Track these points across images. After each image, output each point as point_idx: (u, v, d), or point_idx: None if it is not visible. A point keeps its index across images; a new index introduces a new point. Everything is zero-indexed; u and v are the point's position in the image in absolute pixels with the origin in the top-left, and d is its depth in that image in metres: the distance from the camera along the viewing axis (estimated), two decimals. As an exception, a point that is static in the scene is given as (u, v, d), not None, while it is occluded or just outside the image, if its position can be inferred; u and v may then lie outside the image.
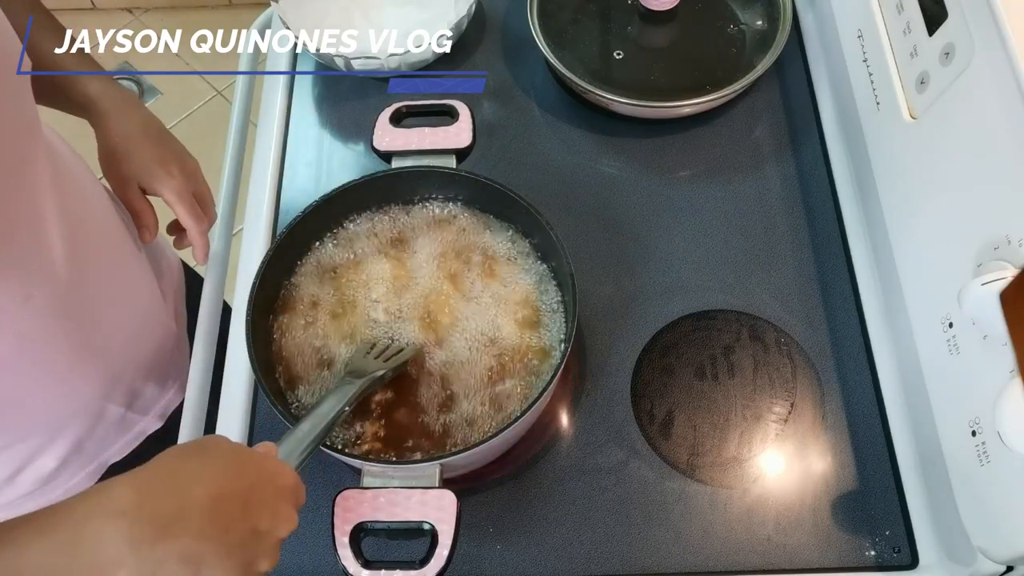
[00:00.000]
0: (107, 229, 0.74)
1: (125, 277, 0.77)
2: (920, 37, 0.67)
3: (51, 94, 0.73)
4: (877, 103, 0.74)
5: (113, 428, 0.78)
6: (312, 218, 0.72)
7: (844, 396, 0.74)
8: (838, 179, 0.84)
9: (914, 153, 0.68)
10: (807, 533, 0.68)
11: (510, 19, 0.98)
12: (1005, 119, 0.55)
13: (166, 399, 0.84)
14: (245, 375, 0.77)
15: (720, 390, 0.74)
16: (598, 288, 0.80)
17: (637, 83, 0.88)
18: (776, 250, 0.81)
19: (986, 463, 0.57)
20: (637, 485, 0.71)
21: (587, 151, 0.89)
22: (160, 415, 0.84)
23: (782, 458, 0.72)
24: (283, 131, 0.92)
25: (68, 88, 0.75)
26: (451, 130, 0.73)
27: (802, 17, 0.95)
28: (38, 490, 0.75)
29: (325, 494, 0.70)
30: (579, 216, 0.84)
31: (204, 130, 2.08)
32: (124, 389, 0.77)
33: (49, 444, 0.73)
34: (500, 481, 0.72)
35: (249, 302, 0.66)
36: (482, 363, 0.69)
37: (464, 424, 0.67)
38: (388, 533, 0.59)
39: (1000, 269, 0.54)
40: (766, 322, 0.77)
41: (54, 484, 0.76)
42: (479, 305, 0.71)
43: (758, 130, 0.89)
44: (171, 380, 0.85)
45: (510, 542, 0.69)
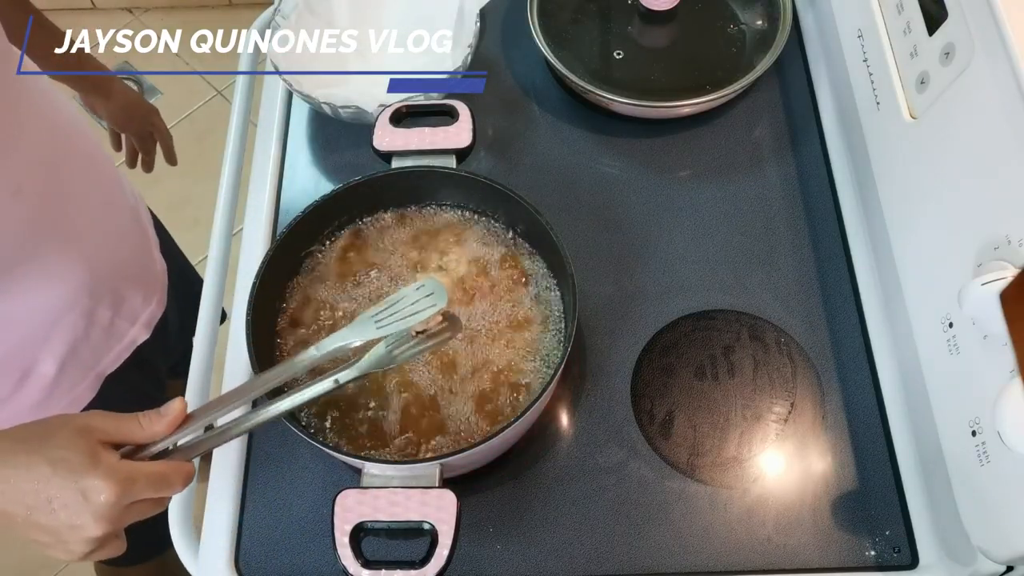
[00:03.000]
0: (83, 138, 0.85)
1: (101, 182, 0.86)
2: (920, 37, 0.67)
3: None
4: (877, 103, 0.74)
5: (104, 333, 0.85)
6: (312, 218, 0.72)
7: (844, 396, 0.74)
8: (838, 179, 0.84)
9: (914, 153, 0.68)
10: (807, 533, 0.68)
11: (510, 19, 0.98)
12: (1005, 119, 0.55)
13: (150, 309, 0.92)
14: (245, 375, 0.77)
15: (720, 390, 0.74)
16: (598, 288, 0.80)
17: (637, 83, 0.88)
18: (776, 250, 0.81)
19: (986, 463, 0.57)
20: (637, 485, 0.71)
21: (587, 151, 0.89)
22: (146, 324, 0.91)
23: (782, 458, 0.72)
24: (283, 131, 0.92)
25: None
26: (451, 130, 0.73)
27: (802, 17, 0.95)
28: (42, 403, 0.82)
29: (325, 494, 0.71)
30: (579, 216, 0.84)
31: (204, 130, 2.08)
32: (109, 291, 0.84)
33: (45, 342, 0.79)
34: (500, 481, 0.72)
35: (249, 302, 0.66)
36: (482, 363, 0.69)
37: (464, 424, 0.67)
38: (388, 533, 0.59)
39: (1000, 269, 0.54)
40: (766, 322, 0.77)
41: (58, 394, 0.83)
42: (478, 305, 0.71)
43: (758, 130, 0.89)
44: (152, 291, 0.92)
45: (510, 542, 0.69)
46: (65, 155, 0.80)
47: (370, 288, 0.73)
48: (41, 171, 0.75)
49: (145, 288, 0.92)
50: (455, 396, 0.68)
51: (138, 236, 0.93)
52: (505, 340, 0.70)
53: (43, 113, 0.77)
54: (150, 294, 0.93)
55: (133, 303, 0.89)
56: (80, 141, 0.84)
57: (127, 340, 0.89)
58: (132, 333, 0.90)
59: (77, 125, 0.85)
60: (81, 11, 2.27)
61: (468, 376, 0.69)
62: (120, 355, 0.89)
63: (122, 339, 0.89)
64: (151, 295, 0.93)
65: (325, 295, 0.73)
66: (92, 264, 0.81)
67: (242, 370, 0.77)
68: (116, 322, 0.87)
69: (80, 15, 2.26)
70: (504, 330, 0.70)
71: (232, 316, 0.78)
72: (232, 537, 0.71)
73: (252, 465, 0.74)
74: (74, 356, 0.83)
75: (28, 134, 0.73)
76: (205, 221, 0.88)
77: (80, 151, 0.83)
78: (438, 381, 0.68)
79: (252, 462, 0.74)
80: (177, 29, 1.19)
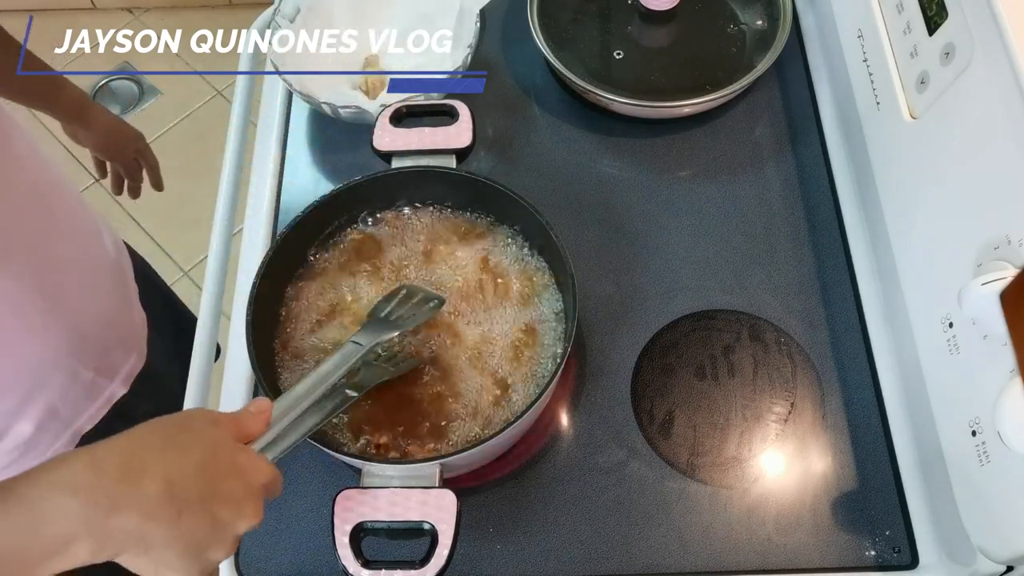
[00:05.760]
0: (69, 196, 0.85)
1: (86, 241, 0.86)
2: (920, 37, 0.67)
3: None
4: (877, 103, 0.74)
5: (84, 392, 0.83)
6: (312, 218, 0.72)
7: (844, 396, 0.74)
8: (838, 179, 0.84)
9: (914, 153, 0.68)
10: (807, 533, 0.68)
11: (510, 19, 0.98)
12: (1005, 119, 0.55)
13: (130, 363, 0.89)
14: (245, 375, 0.77)
15: (720, 390, 0.74)
16: (598, 288, 0.80)
17: (637, 83, 0.88)
18: (776, 250, 0.81)
19: (986, 463, 0.57)
20: (637, 485, 0.71)
21: (587, 151, 0.89)
22: (125, 379, 0.88)
23: (782, 458, 0.72)
24: (283, 131, 0.93)
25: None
26: (451, 130, 0.73)
27: (802, 17, 0.95)
28: (16, 461, 0.79)
29: (325, 494, 0.71)
30: (579, 216, 0.84)
31: (204, 130, 2.08)
32: (91, 349, 0.82)
33: (26, 404, 0.77)
34: (500, 481, 0.72)
35: (249, 302, 0.66)
36: (482, 363, 0.69)
37: (463, 424, 0.67)
38: (388, 533, 0.59)
39: (1000, 269, 0.54)
40: (766, 322, 0.77)
41: (33, 453, 0.80)
42: (478, 305, 0.71)
43: (758, 130, 0.89)
44: (132, 345, 0.91)
45: (510, 542, 0.69)
46: (52, 216, 0.80)
47: (370, 288, 0.73)
48: (27, 232, 0.74)
49: (126, 343, 0.90)
50: (455, 395, 0.68)
51: (120, 290, 0.92)
52: (505, 340, 0.70)
53: (30, 174, 0.77)
54: (130, 348, 0.91)
55: (114, 359, 0.87)
56: (66, 199, 0.83)
57: (105, 396, 0.86)
58: (111, 389, 0.87)
59: (63, 183, 0.84)
60: (81, 11, 2.27)
61: (468, 376, 0.69)
62: (99, 412, 0.86)
63: (100, 396, 0.86)
64: (131, 349, 0.91)
65: (325, 295, 0.73)
66: (76, 323, 0.80)
67: (242, 370, 0.77)
68: (96, 380, 0.85)
69: (80, 15, 2.26)
70: (503, 330, 0.70)
71: (232, 316, 0.78)
72: (232, 537, 0.71)
73: (252, 465, 0.74)
74: (53, 415, 0.80)
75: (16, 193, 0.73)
76: (205, 221, 0.88)
77: (66, 210, 0.83)
78: (437, 380, 0.68)
79: (252, 462, 0.74)
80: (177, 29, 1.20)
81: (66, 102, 0.98)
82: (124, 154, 1.08)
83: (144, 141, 1.10)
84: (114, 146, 1.06)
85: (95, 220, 0.90)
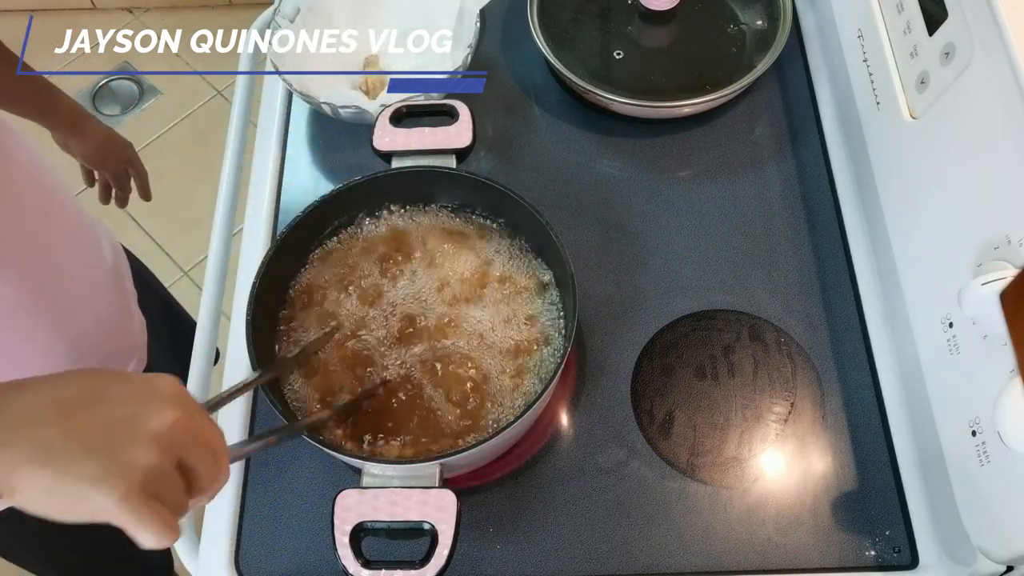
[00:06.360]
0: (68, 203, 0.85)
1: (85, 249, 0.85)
2: (920, 37, 0.67)
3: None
4: (877, 103, 0.74)
5: None
6: (312, 218, 0.72)
7: (844, 396, 0.74)
8: (838, 179, 0.84)
9: (914, 153, 0.68)
10: (807, 533, 0.68)
11: (510, 19, 0.98)
12: (1005, 119, 0.55)
13: (130, 368, 0.90)
14: (245, 375, 0.77)
15: (720, 390, 0.74)
16: (598, 288, 0.80)
17: (637, 83, 0.88)
18: (776, 250, 0.81)
19: (986, 463, 0.57)
20: (637, 485, 0.71)
21: (587, 151, 0.89)
22: None
23: (782, 458, 0.72)
24: (283, 131, 0.93)
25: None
26: (451, 130, 0.73)
27: (802, 17, 0.95)
28: None
29: (325, 494, 0.71)
30: (579, 216, 0.84)
31: (204, 130, 2.08)
32: (91, 356, 0.82)
33: None
34: (500, 481, 0.72)
35: (249, 302, 0.66)
36: (482, 363, 0.69)
37: (463, 424, 0.67)
38: (388, 533, 0.59)
39: (1000, 269, 0.54)
40: (766, 322, 0.77)
41: None
42: (478, 305, 0.71)
43: (758, 130, 0.89)
44: (132, 351, 0.90)
45: (510, 542, 0.69)
46: (50, 224, 0.80)
47: (370, 288, 0.73)
48: (25, 238, 0.75)
49: (125, 348, 0.90)
50: (454, 396, 0.68)
51: (119, 295, 0.92)
52: (504, 340, 0.70)
53: (27, 180, 0.77)
54: (130, 353, 0.91)
55: (114, 365, 0.88)
56: (64, 205, 0.83)
57: None
58: None
59: (61, 189, 0.84)
60: (81, 11, 2.27)
61: (468, 376, 0.69)
62: None
63: None
64: (131, 354, 0.91)
65: (325, 295, 0.73)
66: (75, 330, 0.80)
67: (242, 370, 0.77)
68: None
69: (80, 15, 2.26)
70: (503, 330, 0.70)
71: (232, 316, 0.78)
72: (232, 537, 0.71)
73: (252, 465, 0.74)
74: None
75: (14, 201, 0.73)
76: (205, 221, 0.88)
77: (63, 217, 0.83)
78: (437, 381, 0.68)
79: (252, 462, 0.74)
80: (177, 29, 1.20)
81: (62, 113, 0.97)
82: (114, 164, 1.07)
83: (133, 150, 1.10)
84: (104, 156, 1.05)
85: (93, 225, 0.90)
